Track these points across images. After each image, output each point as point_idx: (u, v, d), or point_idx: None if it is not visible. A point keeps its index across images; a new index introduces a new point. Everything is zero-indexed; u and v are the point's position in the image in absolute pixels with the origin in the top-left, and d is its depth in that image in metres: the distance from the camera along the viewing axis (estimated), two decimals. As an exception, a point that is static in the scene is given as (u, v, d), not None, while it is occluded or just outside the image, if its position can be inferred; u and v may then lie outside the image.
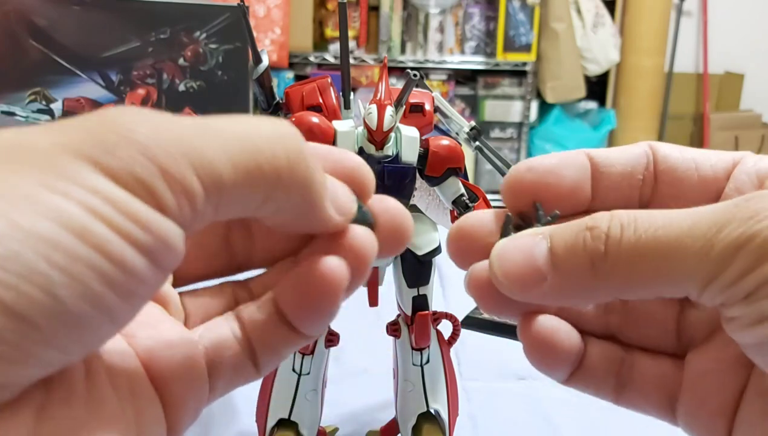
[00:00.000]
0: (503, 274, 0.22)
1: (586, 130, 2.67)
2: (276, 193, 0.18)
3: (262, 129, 0.18)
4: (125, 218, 0.15)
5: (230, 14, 0.84)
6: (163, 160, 0.16)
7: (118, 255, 0.15)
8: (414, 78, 0.36)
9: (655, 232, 0.20)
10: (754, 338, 0.19)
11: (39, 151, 0.15)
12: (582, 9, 2.62)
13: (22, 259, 0.14)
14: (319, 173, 0.19)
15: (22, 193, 0.15)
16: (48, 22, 0.72)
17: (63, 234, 0.14)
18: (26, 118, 0.72)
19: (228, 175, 0.17)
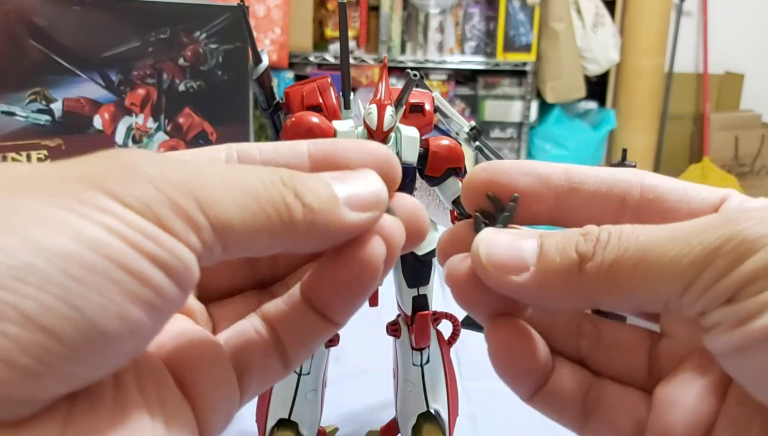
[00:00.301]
0: (487, 256, 0.21)
1: (586, 130, 2.67)
2: (281, 234, 0.19)
3: (262, 174, 0.19)
4: (140, 234, 0.16)
5: (230, 14, 0.84)
6: (171, 193, 0.16)
7: (135, 268, 0.16)
8: (414, 78, 0.36)
9: (637, 238, 0.20)
10: (735, 341, 0.19)
11: (52, 180, 0.16)
12: (582, 9, 2.62)
13: (39, 270, 0.14)
14: (322, 194, 0.19)
15: (36, 212, 0.15)
16: (48, 22, 0.72)
17: (79, 247, 0.15)
18: (26, 118, 0.72)
19: (233, 214, 0.17)
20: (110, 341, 0.15)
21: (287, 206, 0.18)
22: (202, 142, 0.86)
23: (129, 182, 0.16)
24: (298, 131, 0.37)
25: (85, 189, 0.16)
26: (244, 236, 0.18)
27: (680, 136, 3.02)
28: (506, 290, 0.22)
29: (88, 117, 0.77)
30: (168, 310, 0.17)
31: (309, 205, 0.19)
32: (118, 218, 0.16)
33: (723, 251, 0.19)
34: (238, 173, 0.18)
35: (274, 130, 0.41)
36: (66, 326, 0.14)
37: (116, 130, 0.79)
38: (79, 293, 0.15)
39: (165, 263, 0.16)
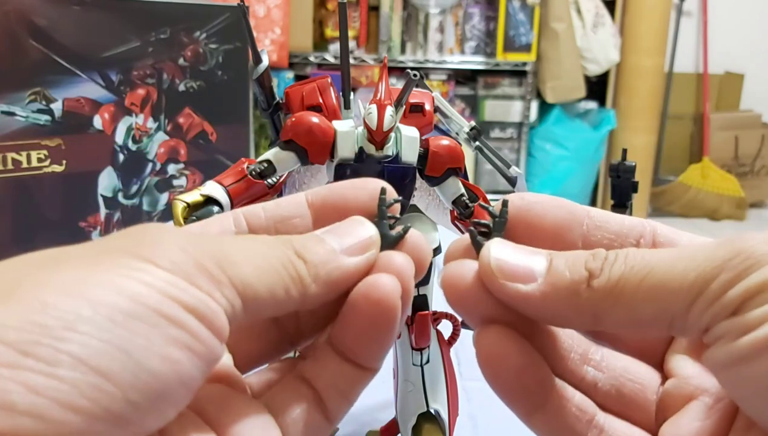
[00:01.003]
0: (497, 262, 0.22)
1: (586, 130, 2.67)
2: (293, 288, 0.21)
3: (268, 241, 0.21)
4: (172, 287, 0.18)
5: (230, 14, 0.84)
6: (196, 255, 0.19)
7: (171, 314, 0.17)
8: (414, 78, 0.36)
9: (643, 257, 0.20)
10: (737, 352, 0.19)
11: (90, 253, 0.18)
12: (582, 9, 2.62)
13: (87, 319, 0.16)
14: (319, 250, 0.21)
15: (80, 276, 0.17)
16: (48, 22, 0.72)
17: (120, 298, 0.17)
18: (26, 118, 0.72)
19: (249, 273, 0.20)
20: (158, 381, 0.17)
21: (293, 264, 0.21)
22: (202, 142, 0.86)
23: (158, 248, 0.18)
24: (298, 131, 0.37)
25: (121, 256, 0.18)
26: (260, 293, 0.20)
27: (680, 136, 3.02)
28: (511, 299, 0.22)
29: (88, 117, 0.77)
30: (206, 356, 0.18)
31: (311, 261, 0.21)
32: (151, 274, 0.18)
33: (730, 265, 0.19)
34: (250, 241, 0.21)
35: (274, 130, 0.41)
36: (116, 366, 0.16)
37: (116, 130, 0.79)
38: (124, 337, 0.16)
39: (196, 309, 0.18)
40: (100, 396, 0.16)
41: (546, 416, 0.23)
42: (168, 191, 0.85)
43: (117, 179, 0.80)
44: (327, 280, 0.21)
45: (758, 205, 3.08)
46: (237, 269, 0.19)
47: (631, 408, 0.24)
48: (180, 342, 0.17)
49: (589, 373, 0.24)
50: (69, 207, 0.77)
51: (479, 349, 0.23)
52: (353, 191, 0.24)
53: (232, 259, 0.20)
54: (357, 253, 0.22)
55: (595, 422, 0.23)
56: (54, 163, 0.75)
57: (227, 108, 0.87)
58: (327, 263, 0.21)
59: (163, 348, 0.17)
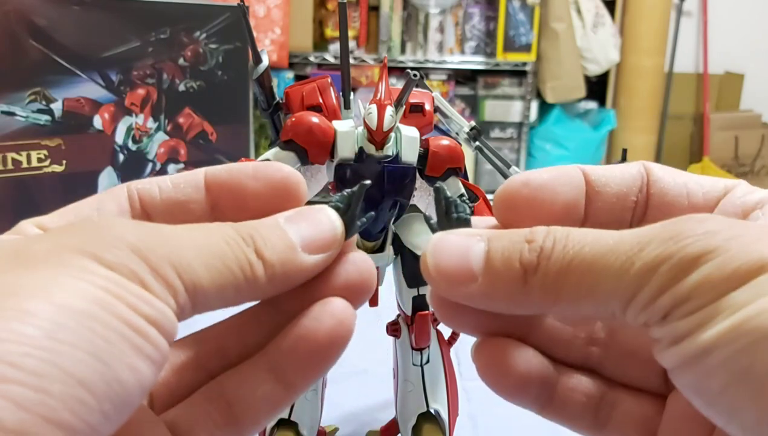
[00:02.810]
0: (435, 267, 0.21)
1: (586, 130, 2.67)
2: (245, 288, 0.20)
3: (227, 235, 0.20)
4: (134, 297, 0.17)
5: (230, 14, 0.84)
6: (150, 259, 0.18)
7: (137, 326, 0.17)
8: (414, 78, 0.36)
9: (582, 249, 0.20)
10: (672, 361, 0.19)
11: (46, 252, 0.18)
12: (582, 9, 2.62)
13: (70, 330, 0.16)
14: (279, 246, 0.20)
15: (50, 279, 0.17)
16: (48, 22, 0.72)
17: (95, 308, 0.17)
18: (26, 118, 0.72)
19: (203, 275, 0.19)
20: (126, 391, 0.17)
21: (250, 264, 0.20)
22: (202, 142, 0.86)
23: (114, 250, 0.18)
24: (298, 131, 0.37)
25: (78, 256, 0.17)
26: (210, 296, 0.19)
27: (680, 136, 3.02)
28: (455, 299, 0.21)
29: (88, 117, 0.77)
30: (161, 363, 0.18)
31: (269, 260, 0.20)
32: (115, 282, 0.17)
33: (661, 270, 0.18)
34: (207, 237, 0.20)
35: (274, 130, 0.41)
36: (96, 378, 0.16)
37: (116, 130, 0.79)
38: (102, 347, 0.16)
39: (157, 322, 0.18)
40: (81, 409, 0.15)
41: (555, 409, 0.23)
42: (168, 191, 0.85)
43: (117, 179, 0.80)
44: (282, 278, 0.20)
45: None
46: (191, 272, 0.19)
47: (641, 375, 0.24)
48: (143, 353, 0.17)
49: (594, 353, 0.24)
50: (69, 207, 0.78)
51: (478, 365, 0.22)
52: (254, 183, 0.22)
53: (186, 260, 0.19)
54: (317, 251, 0.21)
55: (606, 400, 0.23)
56: (54, 163, 0.75)
57: (227, 108, 0.87)
58: (286, 263, 0.20)
59: (131, 358, 0.17)
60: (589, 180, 0.24)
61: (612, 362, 0.24)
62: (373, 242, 0.40)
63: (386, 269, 0.42)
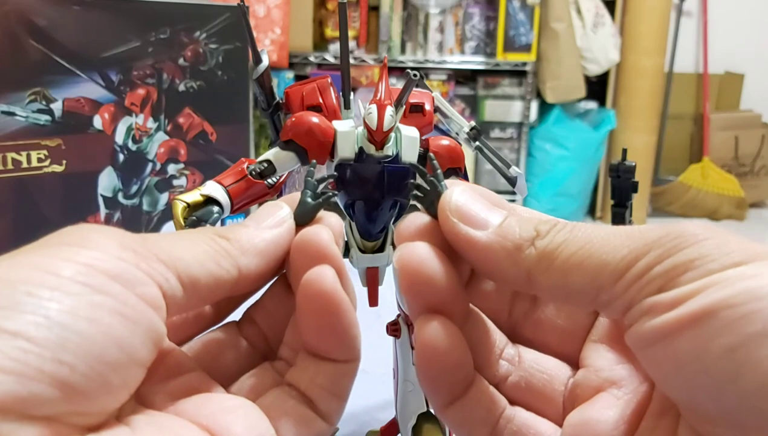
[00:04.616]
0: (455, 204, 0.23)
1: (586, 130, 2.67)
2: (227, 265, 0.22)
3: (189, 231, 0.23)
4: (104, 263, 0.19)
5: (230, 14, 0.84)
6: (124, 241, 0.20)
7: (105, 288, 0.19)
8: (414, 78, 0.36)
9: (587, 230, 0.21)
10: (664, 326, 0.19)
11: (24, 250, 0.19)
12: (582, 9, 2.62)
13: (18, 299, 0.17)
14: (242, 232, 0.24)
15: (12, 264, 0.18)
16: (48, 22, 0.72)
17: (53, 278, 0.18)
18: (26, 118, 0.72)
19: (180, 252, 0.21)
20: (90, 342, 0.18)
21: (216, 241, 0.23)
22: (202, 142, 0.86)
23: (85, 236, 0.20)
24: (298, 131, 0.37)
25: (49, 246, 0.19)
26: (192, 268, 0.21)
27: (680, 136, 3.02)
28: (459, 242, 0.22)
29: (88, 117, 0.77)
30: (142, 323, 0.19)
31: (234, 238, 0.23)
32: (75, 254, 0.19)
33: (660, 242, 0.19)
34: (191, 239, 0.22)
35: (274, 130, 0.41)
36: (38, 331, 0.17)
37: (116, 130, 0.79)
38: (41, 305, 0.17)
39: (120, 276, 0.19)
40: (28, 358, 0.16)
41: (462, 409, 0.24)
42: (168, 191, 0.85)
43: (117, 179, 0.80)
44: (255, 251, 0.23)
45: (758, 205, 3.08)
46: (162, 246, 0.21)
47: (539, 400, 0.24)
48: (105, 306, 0.18)
49: (503, 367, 0.25)
50: (69, 207, 0.77)
51: (421, 338, 0.23)
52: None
53: (158, 240, 0.21)
54: (276, 226, 0.24)
55: (505, 414, 0.24)
56: (54, 163, 0.75)
57: (227, 108, 0.87)
58: (251, 237, 0.23)
59: (87, 311, 0.18)
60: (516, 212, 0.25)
61: (517, 380, 0.25)
62: (373, 242, 0.40)
63: (386, 269, 0.42)
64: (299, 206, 0.25)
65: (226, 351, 0.25)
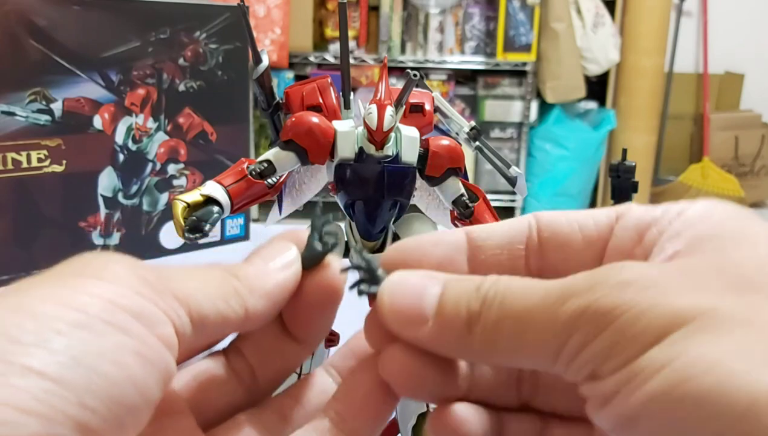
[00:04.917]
0: (390, 306, 0.22)
1: (586, 130, 2.67)
2: (232, 297, 0.23)
3: (201, 267, 0.23)
4: (126, 299, 0.19)
5: (230, 14, 0.84)
6: (142, 274, 0.20)
7: (128, 327, 0.19)
8: (414, 78, 0.36)
9: (515, 301, 0.20)
10: (603, 423, 0.18)
11: (39, 279, 0.19)
12: (582, 9, 2.62)
13: (49, 337, 0.17)
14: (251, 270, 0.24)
15: (37, 295, 0.18)
16: (48, 22, 0.72)
17: (81, 316, 0.18)
18: (26, 118, 0.72)
19: (193, 289, 0.21)
20: (112, 385, 0.18)
21: (228, 280, 0.23)
22: (202, 142, 0.86)
23: (102, 267, 0.20)
24: (298, 131, 0.37)
25: (67, 276, 0.19)
26: (203, 306, 0.21)
27: (680, 136, 3.02)
28: (406, 338, 0.22)
29: (88, 117, 0.77)
30: (157, 363, 0.19)
31: (244, 277, 0.23)
32: (96, 287, 0.19)
33: (580, 326, 0.18)
34: (183, 267, 0.23)
35: (274, 130, 0.41)
36: (66, 373, 0.17)
37: (116, 130, 0.79)
38: (71, 345, 0.17)
39: (141, 315, 0.19)
40: (53, 400, 0.16)
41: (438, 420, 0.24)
42: (168, 191, 0.85)
43: (117, 179, 0.80)
44: (263, 292, 0.23)
45: (758, 205, 3.08)
46: (178, 283, 0.21)
47: (565, 408, 0.24)
48: (128, 348, 0.18)
49: (524, 388, 0.25)
50: (69, 207, 0.77)
51: (384, 369, 0.23)
52: None
53: (172, 275, 0.21)
54: (285, 268, 0.24)
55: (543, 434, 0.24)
56: (54, 163, 0.75)
57: (227, 108, 0.87)
58: (259, 278, 0.23)
59: (113, 353, 0.18)
60: (471, 237, 0.24)
61: (540, 396, 0.24)
62: (373, 242, 0.40)
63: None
64: (307, 249, 0.25)
65: (214, 386, 0.25)
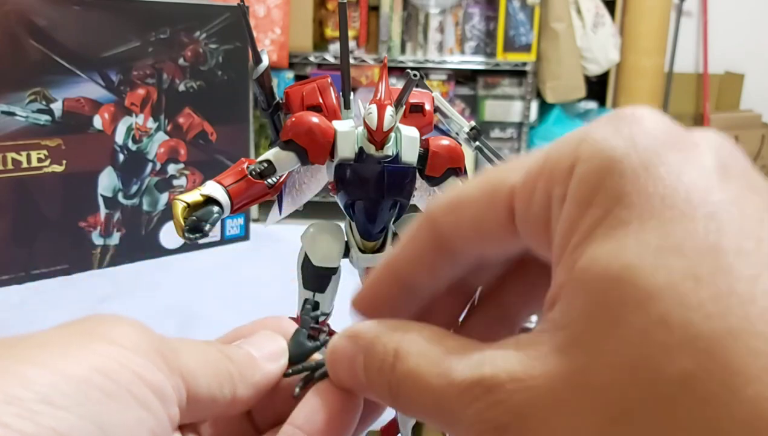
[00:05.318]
0: (335, 375, 0.24)
1: (586, 130, 2.67)
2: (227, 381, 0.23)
3: (203, 344, 0.23)
4: (149, 373, 0.19)
5: (230, 14, 0.84)
6: (157, 345, 0.21)
7: (149, 403, 0.19)
8: (414, 78, 0.36)
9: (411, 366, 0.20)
10: None
11: (61, 335, 0.19)
12: (582, 9, 2.62)
13: (65, 394, 0.17)
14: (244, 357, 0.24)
15: (67, 355, 0.18)
16: (48, 22, 0.72)
17: (94, 374, 0.18)
18: (26, 118, 0.72)
19: (196, 369, 0.21)
20: None
21: (224, 363, 0.23)
22: (202, 142, 0.86)
23: (120, 330, 0.20)
24: (298, 131, 0.37)
25: (89, 336, 0.19)
26: (201, 388, 0.22)
27: (680, 136, 3.02)
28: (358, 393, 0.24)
29: (88, 117, 0.77)
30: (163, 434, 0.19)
31: (237, 361, 0.24)
32: (119, 353, 0.19)
33: (471, 398, 0.18)
34: (188, 340, 0.23)
35: (274, 130, 0.41)
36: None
37: (116, 130, 0.79)
38: (98, 411, 0.17)
39: (161, 392, 0.19)
40: None
41: None
42: (168, 191, 0.85)
43: (117, 179, 0.80)
44: (252, 381, 0.24)
45: (758, 205, 3.08)
46: (185, 360, 0.21)
47: None
48: (146, 424, 0.19)
49: None
50: (69, 207, 0.77)
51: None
52: None
53: (178, 348, 0.22)
54: (273, 360, 0.25)
55: None
56: (54, 163, 0.75)
57: (227, 108, 0.87)
58: (250, 367, 0.24)
59: (132, 428, 0.18)
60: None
61: None
62: (374, 242, 0.40)
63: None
64: (295, 345, 0.26)
65: None
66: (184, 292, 0.75)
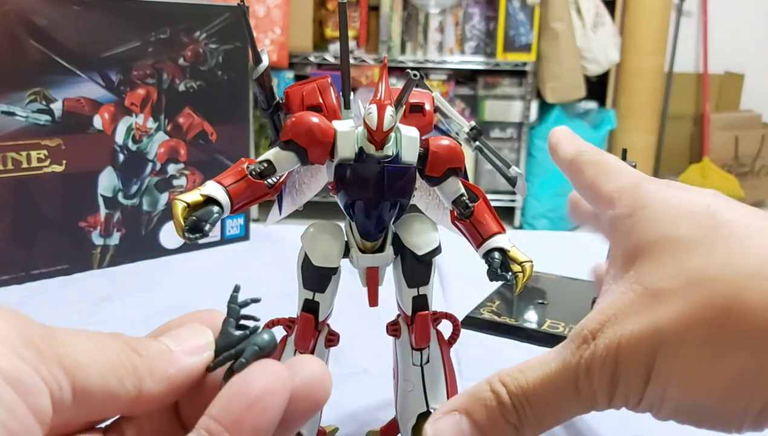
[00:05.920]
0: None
1: (586, 130, 2.67)
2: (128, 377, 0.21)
3: (100, 334, 0.22)
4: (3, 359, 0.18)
5: (230, 14, 0.84)
6: (27, 333, 0.19)
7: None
8: (414, 78, 0.36)
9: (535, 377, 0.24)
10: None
11: None
12: (582, 9, 2.62)
13: None
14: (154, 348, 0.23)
15: None
16: (48, 22, 0.72)
17: None
18: (26, 118, 0.72)
19: (84, 358, 0.20)
20: None
21: (127, 355, 0.22)
22: (202, 142, 0.86)
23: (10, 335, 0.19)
24: (298, 131, 0.37)
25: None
26: (91, 379, 0.20)
27: (680, 136, 3.02)
28: None
29: (88, 117, 0.77)
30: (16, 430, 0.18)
31: (146, 355, 0.22)
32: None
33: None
34: (81, 331, 0.21)
35: (274, 130, 0.41)
36: None
37: (116, 130, 0.79)
38: None
39: (17, 381, 0.18)
40: None
41: None
42: (168, 191, 0.85)
43: (117, 179, 0.80)
44: (164, 375, 0.22)
45: (758, 205, 3.08)
46: (67, 348, 0.20)
47: None
48: (6, 425, 0.17)
49: None
50: (69, 207, 0.77)
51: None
52: None
53: (64, 340, 0.20)
54: (195, 353, 0.23)
55: None
56: (54, 163, 0.75)
57: (227, 108, 0.87)
58: (163, 360, 0.22)
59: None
60: None
61: None
62: (373, 242, 0.40)
63: (386, 269, 0.42)
64: (222, 337, 0.24)
65: None
66: (184, 292, 0.76)
